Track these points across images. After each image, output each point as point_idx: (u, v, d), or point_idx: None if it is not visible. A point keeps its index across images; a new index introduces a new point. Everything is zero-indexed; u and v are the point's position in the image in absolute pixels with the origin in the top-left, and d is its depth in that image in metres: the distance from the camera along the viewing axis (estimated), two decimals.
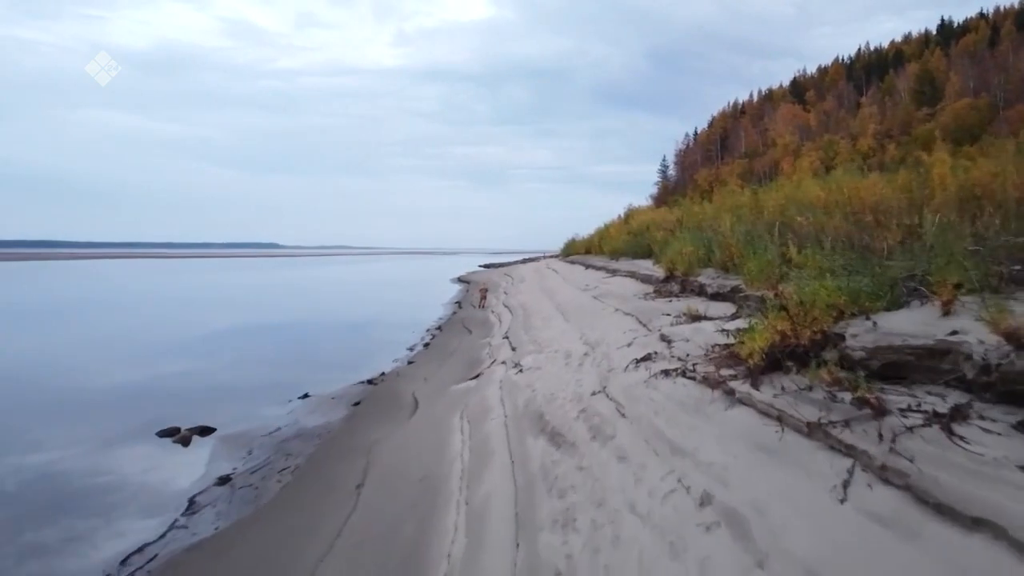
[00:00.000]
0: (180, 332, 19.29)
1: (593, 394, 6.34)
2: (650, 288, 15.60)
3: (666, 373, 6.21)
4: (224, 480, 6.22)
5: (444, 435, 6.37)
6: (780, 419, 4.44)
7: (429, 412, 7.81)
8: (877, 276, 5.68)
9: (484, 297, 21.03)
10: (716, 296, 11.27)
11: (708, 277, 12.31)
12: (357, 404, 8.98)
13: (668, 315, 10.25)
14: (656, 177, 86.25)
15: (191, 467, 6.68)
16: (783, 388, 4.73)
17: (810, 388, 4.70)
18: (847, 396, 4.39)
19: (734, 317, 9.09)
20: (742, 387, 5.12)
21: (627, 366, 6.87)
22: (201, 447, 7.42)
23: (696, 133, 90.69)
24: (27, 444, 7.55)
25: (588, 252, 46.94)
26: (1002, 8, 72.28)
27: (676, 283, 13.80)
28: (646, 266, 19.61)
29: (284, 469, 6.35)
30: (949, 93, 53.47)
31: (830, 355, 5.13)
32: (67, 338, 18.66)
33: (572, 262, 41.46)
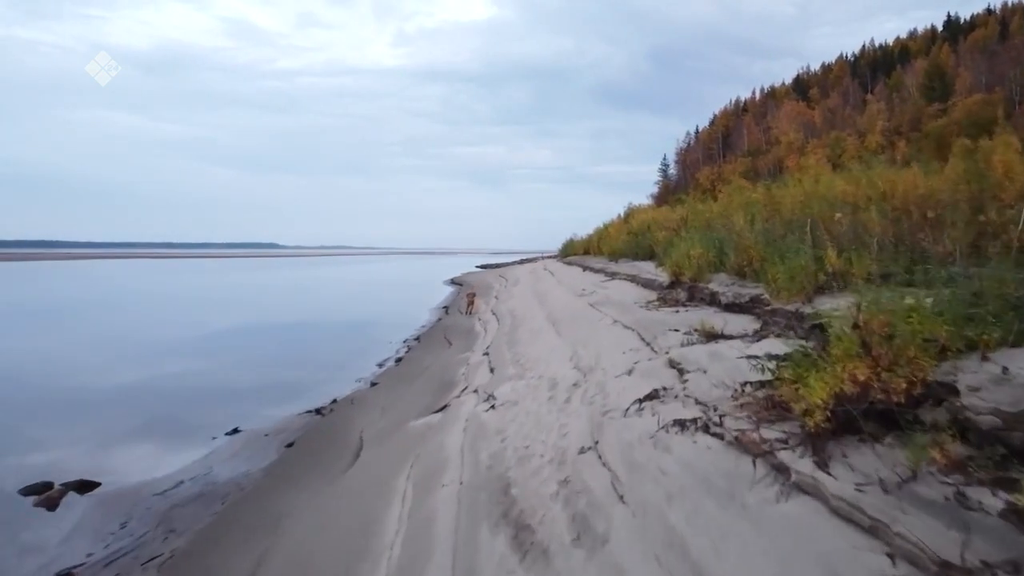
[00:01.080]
0: (153, 334, 17.96)
1: (581, 452, 4.64)
2: (653, 295, 13.90)
3: (681, 425, 4.50)
4: None
5: (379, 507, 4.68)
6: (876, 532, 2.73)
7: (372, 463, 6.12)
8: (986, 292, 3.97)
9: (471, 303, 19.34)
10: (732, 307, 9.58)
11: (721, 284, 10.60)
12: (291, 445, 7.26)
13: (676, 331, 8.56)
14: (657, 176, 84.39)
15: (36, 549, 4.95)
16: (879, 478, 3.02)
17: (914, 475, 3.00)
18: (987, 498, 2.69)
19: (759, 336, 7.41)
20: (800, 463, 3.41)
21: (628, 408, 5.16)
22: (69, 512, 5.72)
23: (697, 131, 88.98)
24: None
25: (587, 253, 45.15)
26: (1010, 3, 70.63)
27: (683, 290, 12.10)
28: (648, 269, 17.90)
29: (152, 559, 4.64)
30: (959, 89, 51.78)
31: (934, 416, 3.43)
32: (39, 341, 17.37)
33: (569, 263, 39.72)
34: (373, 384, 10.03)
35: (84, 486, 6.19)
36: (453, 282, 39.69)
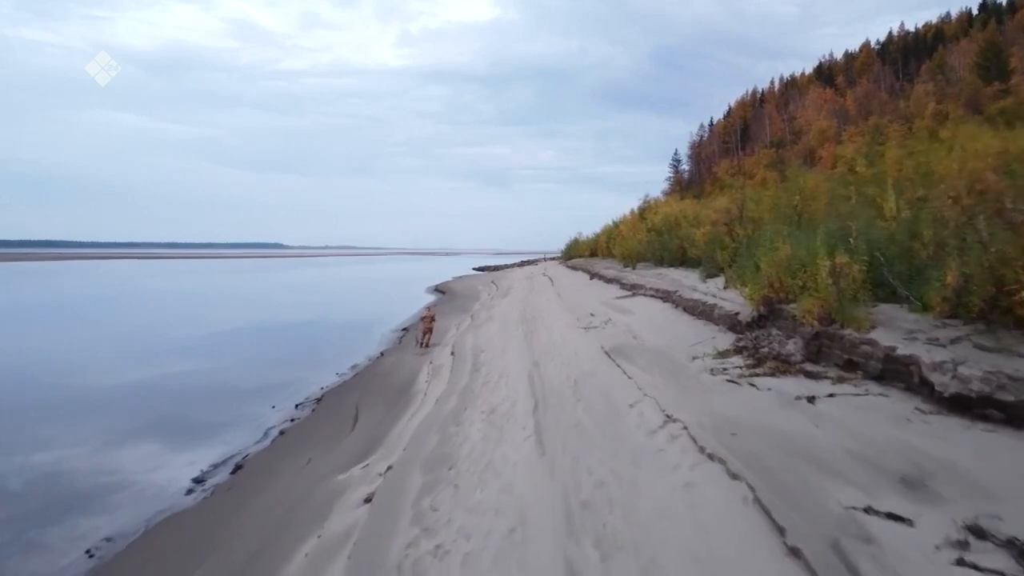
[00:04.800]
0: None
1: None
2: (713, 330, 8.02)
3: None
4: None
5: None
6: None
7: None
8: None
9: (429, 331, 13.51)
10: (978, 406, 3.74)
11: (912, 337, 4.71)
12: None
13: (898, 521, 2.78)
14: (667, 173, 77.90)
15: None
16: None
17: None
18: None
19: None
20: None
21: None
22: None
23: (712, 124, 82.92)
24: None
25: (593, 255, 39.12)
26: None
27: (791, 334, 6.21)
28: (688, 283, 11.97)
29: None
30: (1016, 67, 45.62)
31: None
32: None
33: (573, 267, 33.72)
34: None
35: None
36: (437, 289, 33.75)
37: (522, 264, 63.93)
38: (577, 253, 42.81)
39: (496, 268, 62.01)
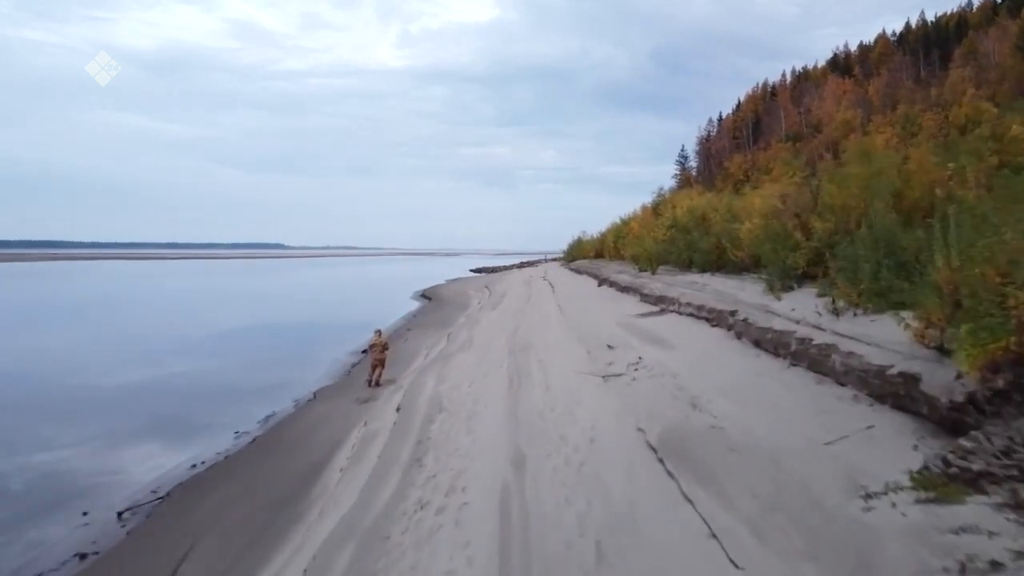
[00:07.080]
0: None
1: None
2: (846, 396, 4.35)
3: None
4: None
5: None
6: None
7: None
8: None
9: (380, 364, 9.87)
10: None
11: None
12: None
13: None
14: (672, 171, 73.77)
15: None
16: None
17: None
18: None
19: None
20: None
21: None
22: None
23: (721, 118, 79.09)
24: None
25: (599, 256, 35.49)
26: None
27: None
28: (752, 299, 8.04)
29: None
30: None
31: None
32: None
33: (577, 270, 30.02)
34: None
35: None
36: (423, 295, 29.96)
37: (521, 265, 60.24)
38: (580, 254, 39.11)
39: (494, 270, 58.18)
